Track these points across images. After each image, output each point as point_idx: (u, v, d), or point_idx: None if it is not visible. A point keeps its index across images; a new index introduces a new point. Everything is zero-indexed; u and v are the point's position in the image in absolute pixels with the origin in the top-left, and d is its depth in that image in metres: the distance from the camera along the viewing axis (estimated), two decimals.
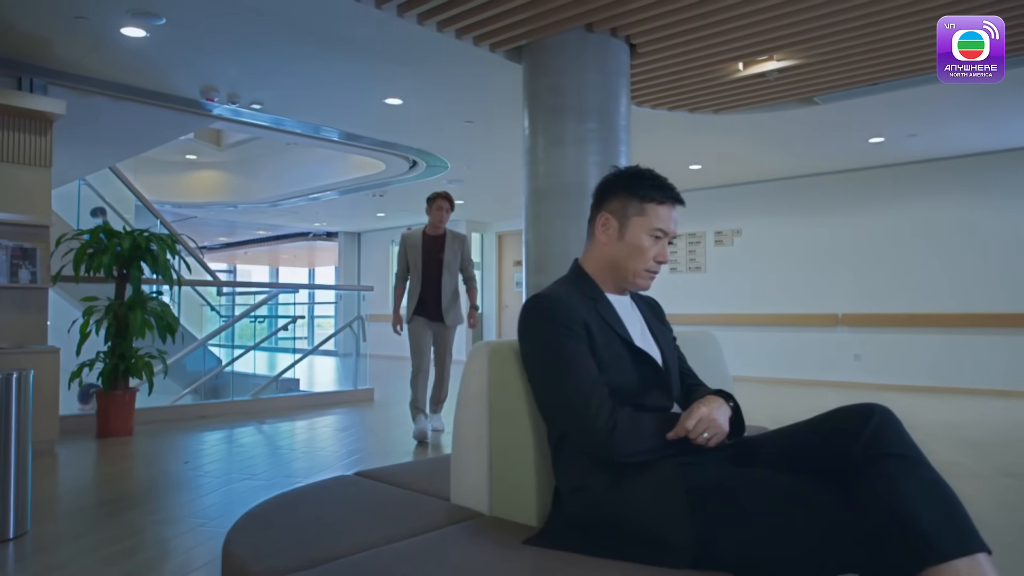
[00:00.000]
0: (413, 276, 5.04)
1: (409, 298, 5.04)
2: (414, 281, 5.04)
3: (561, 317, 1.48)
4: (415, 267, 5.03)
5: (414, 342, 4.96)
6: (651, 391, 1.52)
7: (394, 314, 5.10)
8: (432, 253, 5.03)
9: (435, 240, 5.07)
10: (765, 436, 1.49)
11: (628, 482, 1.40)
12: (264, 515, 1.70)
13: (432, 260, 5.02)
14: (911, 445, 1.24)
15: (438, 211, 5.03)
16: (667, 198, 1.59)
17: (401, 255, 5.11)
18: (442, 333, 5.03)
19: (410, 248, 5.07)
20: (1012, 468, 4.00)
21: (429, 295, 4.99)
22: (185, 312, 9.40)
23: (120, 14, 4.08)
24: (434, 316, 4.98)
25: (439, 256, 5.03)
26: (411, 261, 5.05)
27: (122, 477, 4.01)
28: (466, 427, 1.77)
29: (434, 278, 5.01)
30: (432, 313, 4.98)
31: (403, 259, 5.09)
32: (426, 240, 5.05)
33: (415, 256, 5.04)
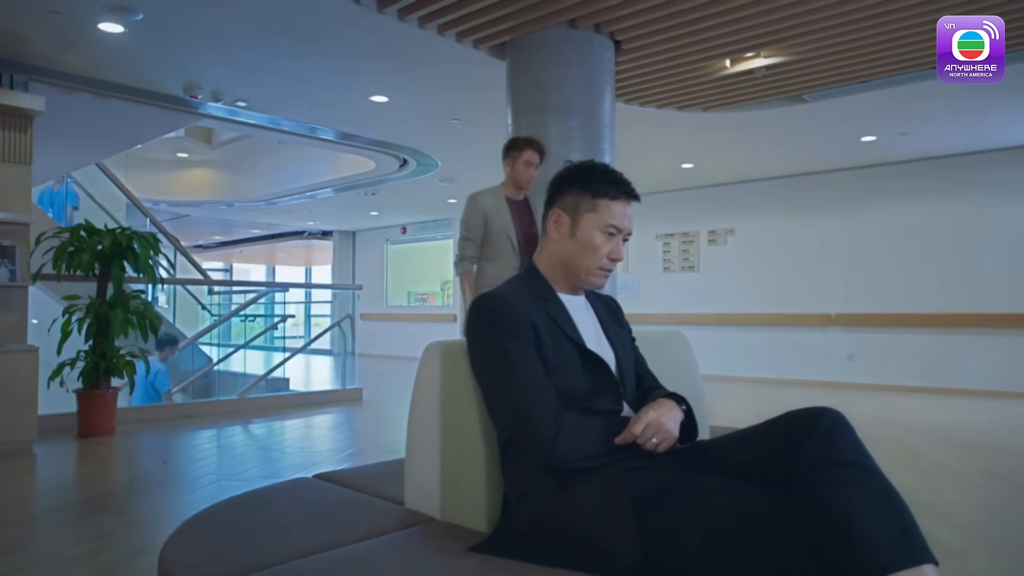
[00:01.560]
0: (498, 256, 3.59)
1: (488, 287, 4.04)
2: (499, 263, 3.59)
3: (507, 318, 1.43)
4: (503, 243, 3.58)
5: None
6: (601, 394, 1.47)
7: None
8: (525, 224, 3.69)
9: (523, 207, 3.72)
10: (717, 441, 1.44)
11: (573, 489, 1.35)
12: (209, 520, 1.66)
13: (528, 234, 3.67)
14: (861, 451, 1.19)
15: (526, 166, 3.59)
16: (621, 194, 1.54)
17: (476, 226, 3.59)
18: None
19: (494, 216, 3.58)
20: (998, 471, 3.95)
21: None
22: (180, 312, 9.39)
23: (96, 9, 4.03)
24: None
25: (533, 229, 3.67)
26: (495, 235, 3.59)
27: (98, 478, 3.97)
28: (419, 430, 1.72)
29: (527, 254, 3.60)
30: None
31: (479, 231, 3.60)
32: (512, 206, 3.65)
33: (503, 227, 3.57)
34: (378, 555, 1.40)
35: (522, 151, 3.58)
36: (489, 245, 3.58)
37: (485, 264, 3.59)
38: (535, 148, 3.60)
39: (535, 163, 3.59)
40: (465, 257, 3.60)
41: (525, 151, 3.57)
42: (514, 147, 3.60)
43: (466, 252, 3.59)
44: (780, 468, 1.23)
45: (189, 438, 5.14)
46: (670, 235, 9.89)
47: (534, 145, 3.60)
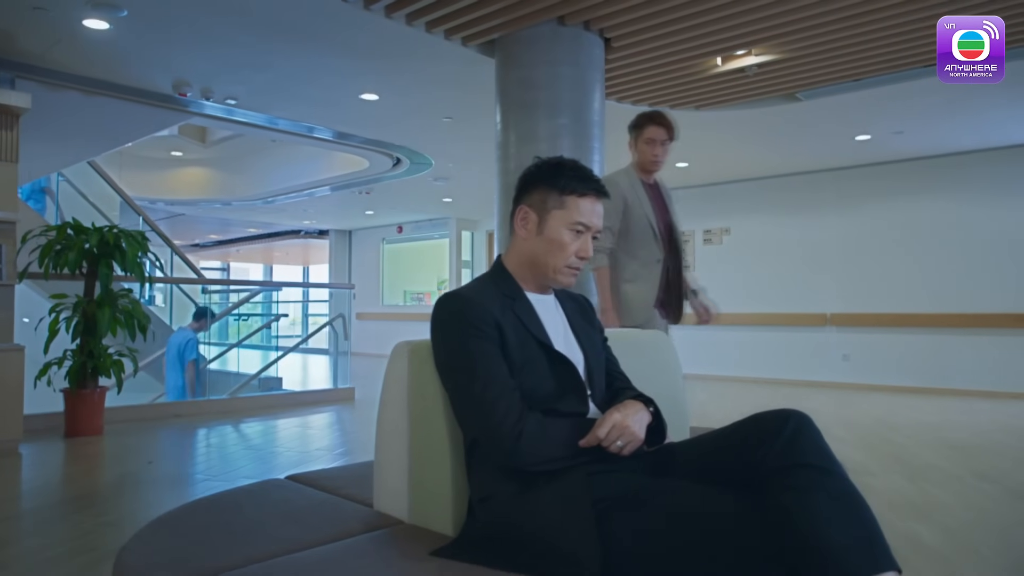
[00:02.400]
0: (639, 247, 3.05)
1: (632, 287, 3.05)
2: (641, 255, 3.06)
3: (470, 317, 1.40)
4: (644, 232, 3.04)
5: None
6: (567, 395, 1.44)
7: (609, 314, 3.00)
8: (663, 210, 3.15)
9: (657, 191, 3.19)
10: (684, 444, 1.42)
11: (536, 492, 1.32)
12: (171, 522, 1.63)
13: (667, 222, 3.14)
14: (826, 455, 1.16)
15: (648, 145, 3.06)
16: (589, 190, 1.51)
17: (614, 212, 2.98)
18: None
19: (634, 201, 3.03)
20: (990, 472, 3.92)
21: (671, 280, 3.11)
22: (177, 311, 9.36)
23: (80, 5, 4.00)
24: (675, 315, 3.21)
25: (669, 216, 3.17)
26: (636, 222, 3.02)
27: (82, 478, 3.94)
28: (387, 431, 1.69)
29: (674, 251, 3.15)
30: (674, 311, 3.19)
31: (617, 219, 3.01)
32: (647, 189, 3.13)
33: (644, 214, 3.03)
34: (337, 559, 1.37)
35: (643, 128, 3.07)
36: (628, 235, 3.02)
37: (624, 257, 3.05)
38: (658, 123, 3.06)
39: (659, 140, 3.05)
40: (600, 249, 2.98)
41: (647, 128, 3.06)
42: (635, 125, 3.13)
43: (602, 243, 2.99)
44: (745, 471, 1.20)
45: (177, 438, 5.11)
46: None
47: (657, 119, 3.07)
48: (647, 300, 3.02)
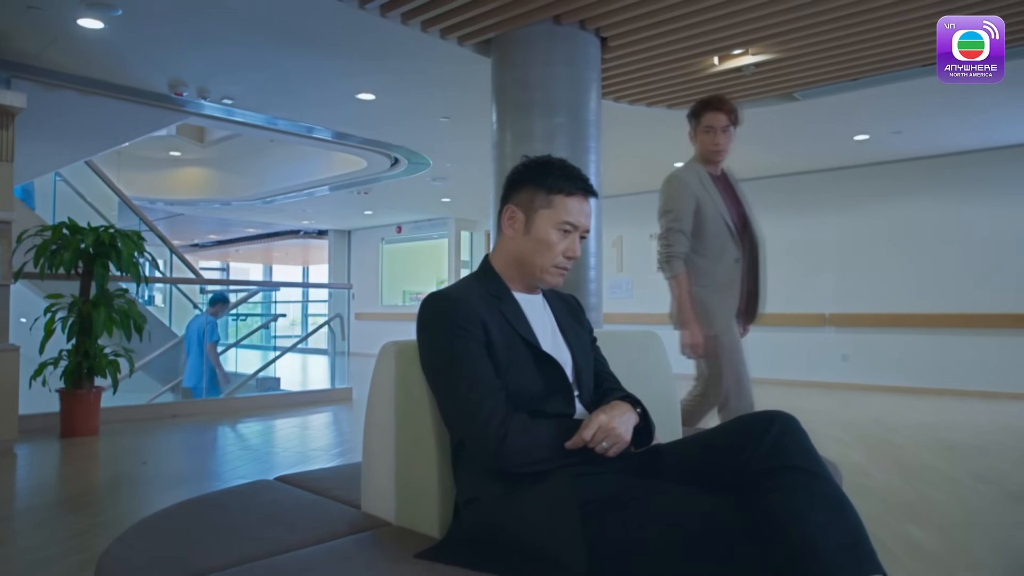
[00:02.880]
0: (715, 247, 2.80)
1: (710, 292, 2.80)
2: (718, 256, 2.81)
3: (456, 316, 1.38)
4: (719, 231, 2.79)
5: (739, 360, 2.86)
6: (553, 396, 1.43)
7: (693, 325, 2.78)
8: (736, 203, 2.87)
9: (726, 183, 2.91)
10: (671, 445, 1.40)
11: (521, 494, 1.31)
12: (155, 524, 1.61)
13: (742, 215, 2.87)
14: (812, 457, 1.15)
15: (707, 133, 2.79)
16: (577, 189, 1.49)
17: (686, 212, 2.76)
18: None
19: (706, 198, 2.77)
20: (986, 472, 3.90)
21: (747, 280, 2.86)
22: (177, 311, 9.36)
23: (74, 5, 3.99)
24: (745, 314, 2.94)
25: (740, 207, 2.88)
26: (710, 221, 2.77)
27: (76, 478, 3.93)
28: (374, 432, 1.68)
29: (745, 249, 2.86)
30: (743, 309, 2.92)
31: (689, 219, 2.77)
32: (715, 182, 2.85)
33: (718, 211, 2.78)
34: (319, 561, 1.35)
35: (701, 116, 2.80)
36: (702, 236, 2.76)
37: (700, 260, 2.78)
38: (716, 108, 2.76)
39: (719, 127, 2.75)
40: (675, 254, 2.76)
41: (704, 116, 2.79)
42: (693, 113, 2.85)
43: (676, 248, 2.75)
44: (731, 473, 1.19)
45: (173, 438, 5.10)
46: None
47: (714, 105, 2.78)
48: (728, 305, 2.76)
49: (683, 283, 2.79)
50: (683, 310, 2.79)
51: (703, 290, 2.79)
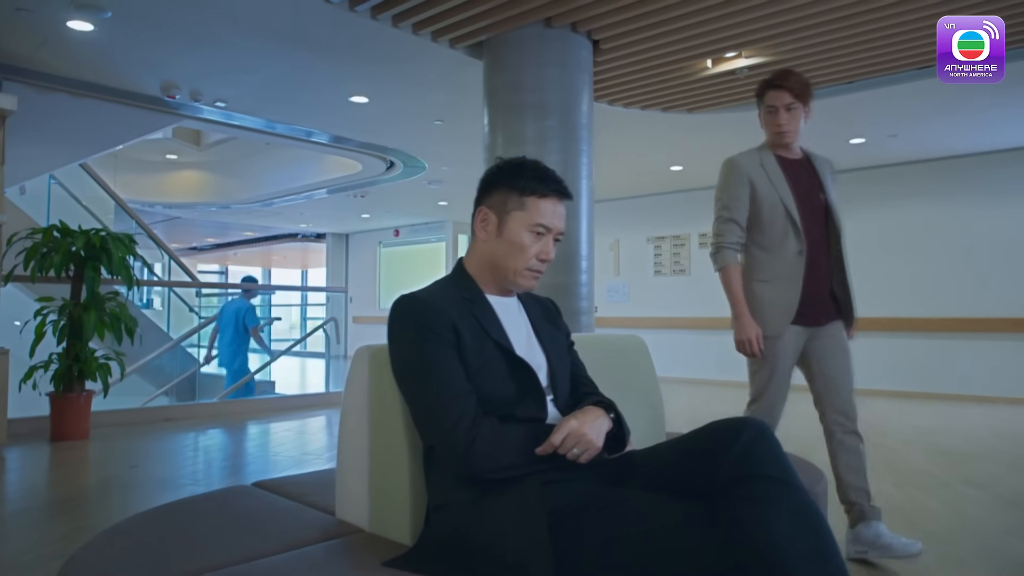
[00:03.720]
0: (773, 238, 2.54)
1: (766, 288, 2.55)
2: (777, 249, 2.54)
3: (425, 319, 1.36)
4: (777, 220, 2.52)
5: (775, 374, 2.55)
6: (525, 400, 1.40)
7: (744, 319, 2.54)
8: (807, 191, 2.57)
9: (802, 168, 2.60)
10: (644, 452, 1.38)
11: (490, 501, 1.29)
12: (125, 530, 1.59)
13: (813, 204, 2.57)
14: (783, 465, 1.13)
15: (770, 114, 2.53)
16: (550, 191, 1.47)
17: (739, 200, 2.56)
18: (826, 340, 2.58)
19: (762, 184, 2.53)
20: (979, 478, 3.88)
21: (811, 275, 2.53)
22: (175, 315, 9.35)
23: (63, 6, 3.98)
24: (819, 314, 2.56)
25: (820, 196, 2.59)
26: (766, 210, 2.52)
27: (64, 482, 3.90)
28: (348, 437, 1.66)
29: (818, 240, 2.57)
30: (816, 308, 2.55)
31: (743, 208, 2.56)
32: (785, 167, 2.56)
33: (776, 199, 2.51)
34: (286, 569, 1.33)
35: (763, 96, 2.53)
36: (759, 226, 2.55)
37: (757, 252, 2.57)
38: (776, 86, 2.49)
39: (781, 106, 2.47)
40: (725, 245, 2.57)
41: (765, 95, 2.52)
42: (757, 95, 2.58)
43: (727, 238, 2.57)
44: (702, 481, 1.17)
45: (164, 442, 5.07)
46: (661, 238, 9.82)
47: (774, 83, 2.50)
48: (786, 303, 2.49)
49: (731, 276, 2.57)
50: (733, 305, 2.57)
51: (759, 285, 2.56)
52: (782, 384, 2.57)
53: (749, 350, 2.54)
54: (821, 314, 2.56)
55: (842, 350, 2.58)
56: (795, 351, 2.56)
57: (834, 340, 2.58)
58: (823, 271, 2.57)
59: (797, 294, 2.50)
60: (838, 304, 2.61)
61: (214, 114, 6.11)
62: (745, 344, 2.54)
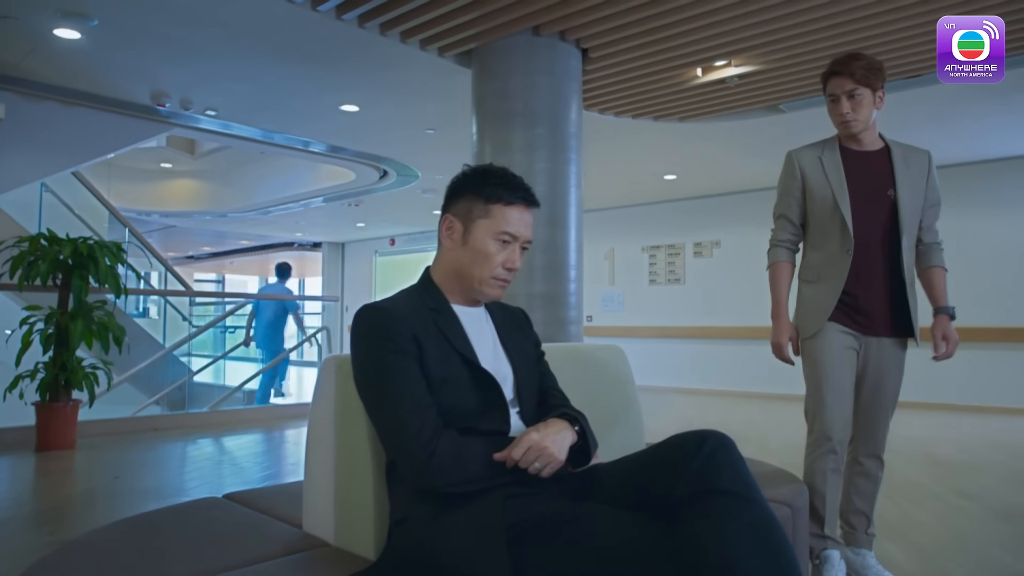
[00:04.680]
0: (822, 238, 2.38)
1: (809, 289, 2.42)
2: (823, 249, 2.38)
3: (386, 330, 1.34)
4: (827, 218, 2.34)
5: (822, 373, 2.33)
6: (488, 413, 1.37)
7: (778, 322, 2.43)
8: (869, 187, 2.33)
9: (869, 161, 2.37)
10: (609, 465, 1.35)
11: (450, 515, 1.26)
12: (85, 544, 1.56)
13: (868, 200, 2.32)
14: (744, 480, 1.10)
15: (832, 103, 2.33)
16: (516, 199, 1.45)
17: (790, 195, 2.43)
18: (882, 357, 2.36)
19: (815, 179, 2.36)
20: (970, 489, 3.84)
21: (863, 277, 2.31)
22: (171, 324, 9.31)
23: (49, 15, 3.97)
24: (873, 322, 2.33)
25: (884, 190, 2.33)
26: (818, 206, 2.35)
27: (46, 493, 3.86)
28: (315, 448, 1.63)
29: (874, 240, 2.32)
30: (868, 315, 2.33)
31: (796, 204, 2.42)
32: (847, 156, 2.37)
33: (827, 194, 2.33)
34: None
35: (825, 86, 2.34)
36: (812, 222, 2.39)
37: (809, 251, 2.45)
38: (836, 72, 2.29)
39: (844, 92, 2.27)
40: (776, 242, 2.47)
41: (828, 81, 2.32)
42: (823, 86, 2.37)
43: (777, 235, 2.47)
44: (662, 496, 1.14)
45: (150, 452, 5.03)
46: (656, 247, 9.80)
47: (835, 68, 2.29)
48: (822, 301, 2.32)
49: (775, 275, 2.46)
50: (773, 304, 2.45)
51: (804, 286, 2.45)
52: (834, 392, 2.31)
53: (783, 354, 2.41)
54: (876, 324, 2.32)
55: (892, 373, 2.38)
56: (844, 355, 2.32)
57: (888, 359, 2.35)
58: (878, 275, 2.31)
59: (836, 293, 2.31)
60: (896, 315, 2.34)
61: (205, 123, 6.10)
62: (774, 349, 2.43)
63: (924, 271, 2.47)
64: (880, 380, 2.37)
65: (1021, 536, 3.07)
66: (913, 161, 2.41)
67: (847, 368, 2.33)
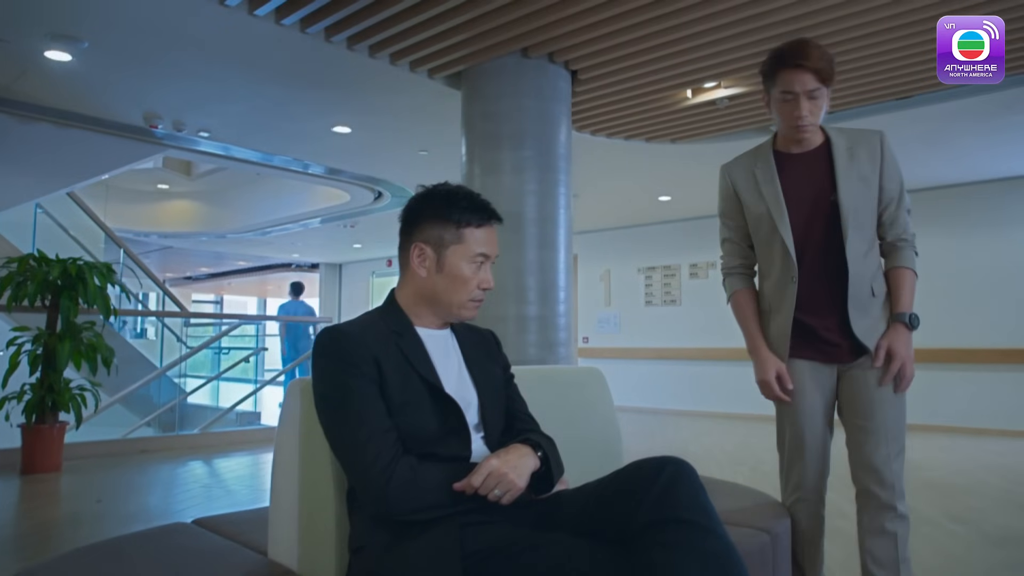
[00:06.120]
0: (766, 261, 2.07)
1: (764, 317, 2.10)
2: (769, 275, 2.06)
3: (346, 353, 1.31)
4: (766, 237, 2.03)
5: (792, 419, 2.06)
6: (449, 438, 1.35)
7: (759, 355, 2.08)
8: (809, 195, 1.99)
9: (807, 163, 2.01)
10: (571, 492, 1.31)
11: (407, 543, 1.22)
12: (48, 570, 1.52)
13: (813, 212, 1.98)
14: (702, 508, 1.07)
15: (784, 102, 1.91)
16: (485, 220, 1.44)
17: (726, 211, 2.14)
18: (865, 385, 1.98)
19: (747, 192, 2.06)
20: (964, 513, 3.78)
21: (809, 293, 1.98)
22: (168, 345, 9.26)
23: (40, 37, 3.99)
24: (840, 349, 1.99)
25: (827, 196, 1.97)
26: (755, 224, 2.05)
27: (26, 517, 3.81)
28: (280, 473, 1.60)
29: (817, 251, 1.98)
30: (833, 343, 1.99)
31: (737, 222, 2.12)
32: (783, 163, 2.02)
33: (763, 209, 2.01)
34: None
35: (775, 76, 1.89)
36: (755, 245, 2.08)
37: (760, 279, 2.12)
38: (798, 64, 1.84)
39: (803, 91, 1.85)
40: (728, 271, 2.16)
41: (780, 74, 1.87)
42: (765, 72, 1.93)
43: (727, 261, 2.16)
44: (621, 524, 1.11)
45: (137, 475, 4.98)
46: (652, 268, 9.79)
47: (794, 57, 1.85)
48: (779, 339, 2.01)
49: (739, 305, 2.12)
50: (746, 339, 2.13)
51: (761, 316, 2.10)
52: (808, 440, 2.03)
53: (772, 393, 2.02)
54: (844, 348, 1.97)
55: (883, 402, 1.96)
56: (815, 396, 2.01)
57: (866, 381, 1.97)
58: (825, 293, 1.96)
59: (788, 323, 1.99)
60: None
61: (198, 144, 6.11)
62: (762, 388, 2.05)
63: (887, 273, 2.07)
64: (859, 406, 1.98)
65: (1014, 562, 3.02)
66: (860, 150, 1.99)
67: (819, 408, 2.01)
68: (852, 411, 2.01)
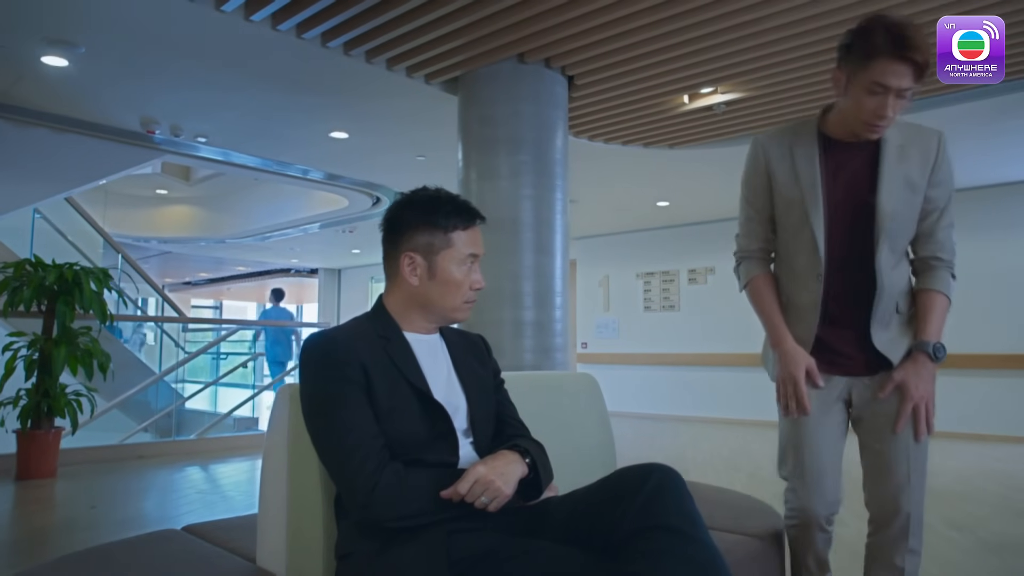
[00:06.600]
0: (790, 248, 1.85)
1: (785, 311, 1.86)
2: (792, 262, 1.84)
3: (333, 358, 1.30)
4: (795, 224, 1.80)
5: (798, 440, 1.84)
6: (436, 444, 1.33)
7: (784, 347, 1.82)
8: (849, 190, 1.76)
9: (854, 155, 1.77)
10: (560, 499, 1.30)
11: (393, 551, 1.21)
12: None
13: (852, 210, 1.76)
14: (688, 516, 1.06)
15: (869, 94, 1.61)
16: (471, 221, 1.44)
17: (757, 193, 1.89)
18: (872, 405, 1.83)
19: (781, 174, 1.81)
20: (963, 520, 3.76)
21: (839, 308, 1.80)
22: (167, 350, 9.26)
23: (36, 42, 3.99)
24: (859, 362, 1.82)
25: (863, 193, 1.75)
26: (786, 208, 1.82)
27: (18, 523, 3.79)
28: (269, 479, 1.59)
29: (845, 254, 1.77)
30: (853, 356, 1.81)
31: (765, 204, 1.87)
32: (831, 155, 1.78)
33: (797, 193, 1.78)
34: None
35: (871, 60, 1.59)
36: (782, 230, 1.85)
37: (778, 266, 1.91)
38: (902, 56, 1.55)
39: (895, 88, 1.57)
40: (745, 254, 1.93)
41: (878, 61, 1.57)
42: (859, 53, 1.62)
43: (744, 244, 1.94)
44: (607, 531, 1.10)
45: (132, 480, 4.96)
46: (650, 274, 9.78)
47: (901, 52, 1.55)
48: (799, 339, 1.80)
49: (758, 292, 1.87)
50: (767, 330, 1.87)
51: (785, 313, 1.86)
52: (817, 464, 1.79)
53: (795, 393, 1.77)
54: (860, 361, 1.80)
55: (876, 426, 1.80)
56: (829, 406, 1.80)
57: (885, 400, 1.78)
58: (846, 303, 1.77)
59: (812, 330, 1.78)
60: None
61: (196, 149, 6.11)
62: (786, 385, 1.79)
63: (916, 294, 1.83)
64: (875, 430, 1.79)
65: (1011, 570, 3.00)
66: (913, 150, 1.75)
67: (832, 427, 1.81)
68: (869, 434, 1.81)
